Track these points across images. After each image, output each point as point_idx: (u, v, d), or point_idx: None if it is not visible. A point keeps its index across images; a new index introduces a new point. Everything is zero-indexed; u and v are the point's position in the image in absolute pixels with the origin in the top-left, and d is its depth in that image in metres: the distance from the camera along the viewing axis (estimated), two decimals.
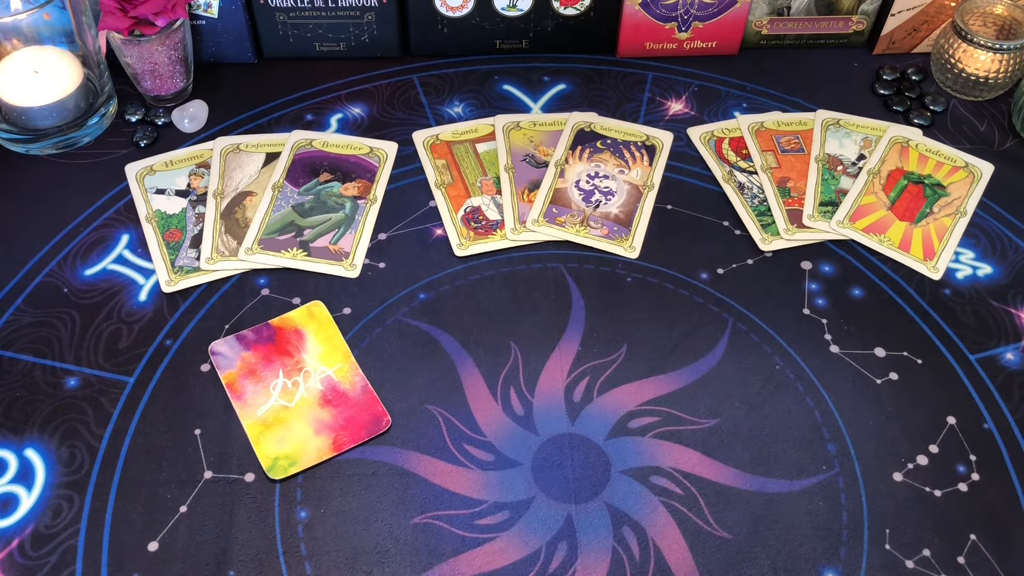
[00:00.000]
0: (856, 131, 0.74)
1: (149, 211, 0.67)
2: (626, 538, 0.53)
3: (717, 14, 0.77)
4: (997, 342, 0.62)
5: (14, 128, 0.70)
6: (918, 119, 0.75)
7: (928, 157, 0.72)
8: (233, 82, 0.77)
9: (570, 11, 0.77)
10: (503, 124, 0.74)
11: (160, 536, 0.52)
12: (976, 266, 0.66)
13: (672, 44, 0.79)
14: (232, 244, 0.65)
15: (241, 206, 0.68)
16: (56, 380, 0.59)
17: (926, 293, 0.64)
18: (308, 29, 0.77)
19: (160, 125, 0.73)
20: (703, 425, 0.57)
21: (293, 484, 0.55)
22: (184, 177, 0.69)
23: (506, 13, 0.77)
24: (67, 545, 0.52)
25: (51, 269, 0.64)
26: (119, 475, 0.55)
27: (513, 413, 0.58)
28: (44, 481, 0.55)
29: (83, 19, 0.69)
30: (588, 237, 0.67)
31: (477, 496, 0.54)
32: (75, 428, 0.57)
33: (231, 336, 0.60)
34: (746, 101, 0.77)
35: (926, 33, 0.79)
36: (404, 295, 0.64)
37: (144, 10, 0.68)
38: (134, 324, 0.61)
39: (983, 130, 0.75)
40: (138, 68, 0.71)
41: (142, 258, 0.65)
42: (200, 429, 0.57)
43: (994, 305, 0.64)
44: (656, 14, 0.77)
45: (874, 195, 0.69)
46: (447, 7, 0.76)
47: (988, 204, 0.70)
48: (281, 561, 0.52)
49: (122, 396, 0.58)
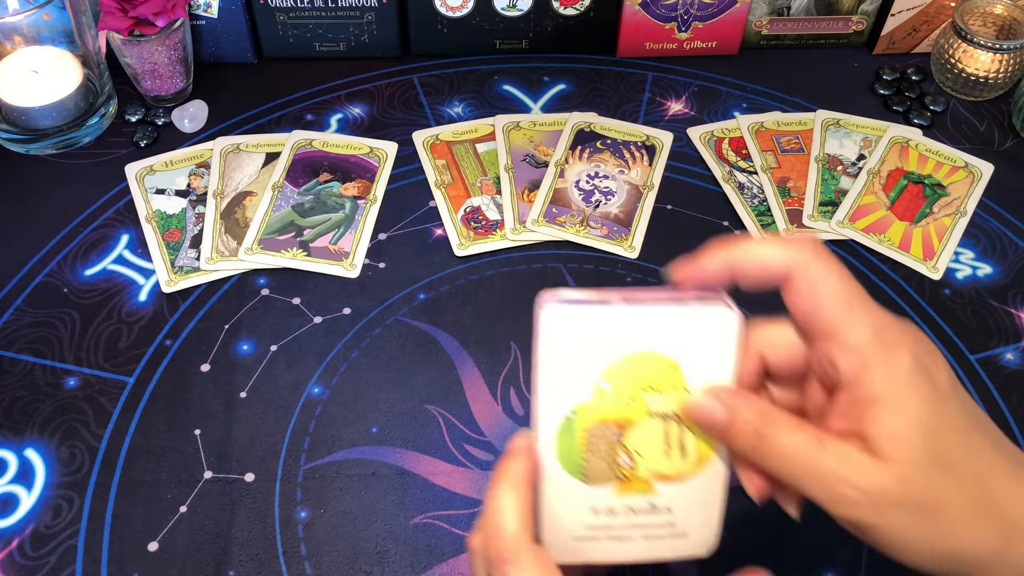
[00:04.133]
0: (856, 131, 0.74)
1: (149, 211, 0.67)
2: None
3: (717, 14, 0.77)
4: (997, 342, 0.62)
5: (14, 128, 0.70)
6: (918, 119, 0.75)
7: (928, 157, 0.72)
8: (233, 82, 0.77)
9: (570, 11, 0.77)
10: (503, 124, 0.74)
11: (160, 536, 0.52)
12: (976, 266, 0.66)
13: (672, 44, 0.79)
14: (232, 244, 0.65)
15: (241, 206, 0.68)
16: (56, 380, 0.59)
17: (926, 293, 0.64)
18: (308, 29, 0.77)
19: (160, 125, 0.73)
20: None
21: (293, 484, 0.55)
22: (184, 177, 0.69)
23: (506, 13, 0.77)
24: (67, 545, 0.52)
25: (51, 269, 0.64)
26: (119, 475, 0.55)
27: (513, 413, 0.58)
28: (44, 481, 0.55)
29: (83, 19, 0.69)
30: (588, 237, 0.67)
31: (477, 496, 0.54)
32: (75, 428, 0.57)
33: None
34: (746, 101, 0.77)
35: (926, 33, 0.79)
36: (404, 295, 0.64)
37: (144, 10, 0.68)
38: (134, 324, 0.61)
39: (983, 130, 0.75)
40: (138, 68, 0.71)
41: (142, 258, 0.65)
42: (200, 429, 0.56)
43: (994, 305, 0.64)
44: (656, 14, 0.77)
45: (874, 195, 0.69)
46: (447, 7, 0.76)
47: (988, 204, 0.70)
48: (281, 561, 0.52)
49: (122, 396, 0.58)
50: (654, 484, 0.37)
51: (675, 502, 0.38)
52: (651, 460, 0.37)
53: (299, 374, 0.59)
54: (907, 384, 0.33)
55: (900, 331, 0.34)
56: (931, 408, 0.33)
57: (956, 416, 0.34)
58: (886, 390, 0.33)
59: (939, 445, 0.33)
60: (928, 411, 0.33)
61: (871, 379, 0.33)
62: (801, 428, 0.34)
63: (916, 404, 0.33)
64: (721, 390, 0.36)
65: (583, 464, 0.37)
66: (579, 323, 0.35)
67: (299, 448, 0.56)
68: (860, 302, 0.34)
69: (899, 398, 0.33)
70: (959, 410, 0.34)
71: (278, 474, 0.55)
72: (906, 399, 0.33)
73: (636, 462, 0.37)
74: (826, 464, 0.33)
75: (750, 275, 0.36)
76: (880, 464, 0.32)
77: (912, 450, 0.32)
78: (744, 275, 0.36)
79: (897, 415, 0.32)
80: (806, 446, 0.33)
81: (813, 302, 0.34)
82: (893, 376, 0.33)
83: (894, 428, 0.32)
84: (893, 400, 0.33)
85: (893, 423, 0.32)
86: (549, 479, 0.37)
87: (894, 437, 0.32)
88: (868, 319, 0.34)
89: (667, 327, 0.36)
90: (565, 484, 0.37)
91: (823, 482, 0.33)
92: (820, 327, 0.34)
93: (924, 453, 0.32)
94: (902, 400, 0.33)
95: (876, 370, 0.33)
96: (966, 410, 0.34)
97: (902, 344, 0.33)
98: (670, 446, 0.37)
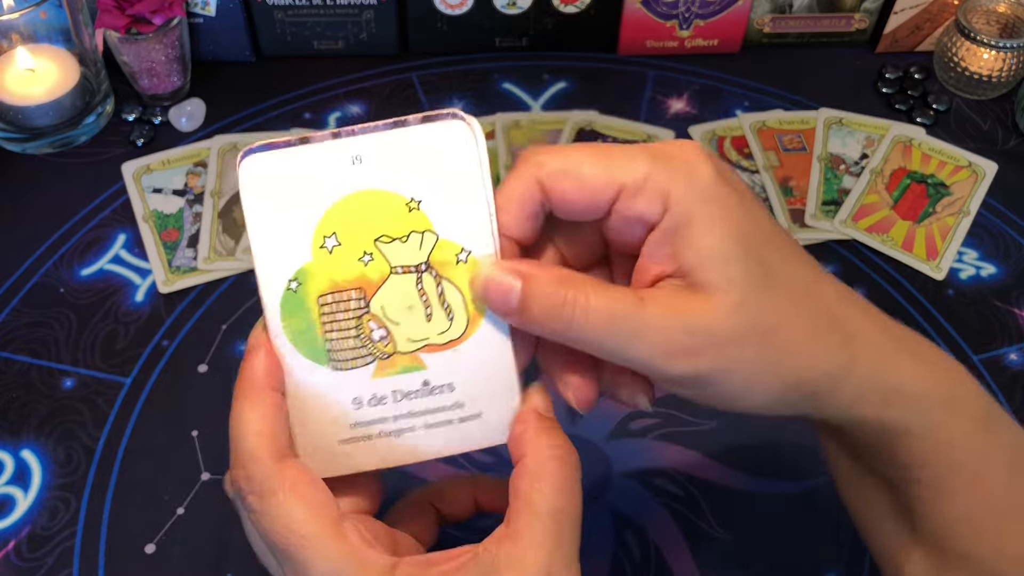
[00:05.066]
0: (859, 130, 0.73)
1: (146, 210, 0.67)
2: (627, 541, 0.52)
3: (719, 12, 0.77)
4: (1001, 342, 0.61)
5: (10, 127, 0.69)
6: (921, 118, 0.74)
7: (931, 156, 0.72)
8: (231, 80, 0.76)
9: (570, 9, 0.77)
10: (503, 123, 0.73)
11: (157, 538, 0.52)
12: (979, 266, 0.66)
13: (673, 42, 0.79)
14: (230, 244, 0.65)
15: (239, 205, 0.67)
16: (53, 381, 0.58)
17: (929, 293, 0.64)
18: (306, 27, 0.76)
19: (157, 124, 0.73)
20: (704, 426, 0.57)
21: None
22: (181, 176, 0.69)
23: (506, 11, 0.76)
24: (64, 547, 0.52)
25: (47, 269, 0.64)
26: (116, 477, 0.54)
27: None
28: (41, 483, 0.54)
29: (80, 17, 0.68)
30: None
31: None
32: (72, 429, 0.56)
33: None
34: (748, 100, 0.76)
35: (929, 31, 0.79)
36: None
37: (141, 8, 0.68)
38: (131, 324, 0.61)
39: (986, 129, 0.75)
40: (135, 66, 0.71)
41: (139, 258, 0.65)
42: (197, 430, 0.56)
43: (998, 305, 0.63)
44: (657, 12, 0.77)
45: (877, 194, 0.69)
46: (446, 5, 0.76)
47: (992, 203, 0.69)
48: None
49: (119, 397, 0.58)
50: (421, 357, 0.31)
51: (454, 375, 0.31)
52: (410, 327, 0.31)
53: None
54: (712, 196, 0.29)
55: (680, 145, 0.30)
56: (745, 215, 0.29)
57: (769, 227, 0.31)
58: (693, 208, 0.29)
59: (762, 259, 0.29)
60: (743, 220, 0.29)
61: (674, 202, 0.29)
62: (610, 287, 0.30)
63: (727, 214, 0.29)
64: (513, 262, 0.30)
65: (326, 345, 0.31)
66: (281, 168, 0.29)
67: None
68: (622, 148, 0.30)
69: (708, 212, 0.29)
70: (769, 220, 0.31)
71: None
72: (715, 210, 0.29)
73: (392, 332, 0.31)
74: (651, 317, 0.29)
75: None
76: (709, 299, 0.29)
77: (737, 268, 0.29)
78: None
79: (711, 232, 0.29)
80: (623, 304, 0.29)
81: (579, 182, 0.30)
82: (697, 191, 0.29)
83: (712, 246, 0.29)
84: (703, 217, 0.29)
85: (710, 241, 0.29)
86: (290, 373, 0.30)
87: (715, 258, 0.29)
88: (642, 150, 0.30)
89: (390, 157, 0.30)
90: (311, 375, 0.31)
91: (652, 340, 0.29)
92: (602, 196, 0.30)
93: (750, 271, 0.29)
94: (711, 213, 0.29)
95: (676, 191, 0.29)
96: (773, 221, 0.31)
97: (695, 155, 0.30)
98: (429, 307, 0.31)
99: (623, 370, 0.32)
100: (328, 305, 0.30)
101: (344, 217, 0.30)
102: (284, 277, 0.30)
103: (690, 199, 0.29)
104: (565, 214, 0.31)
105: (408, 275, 0.30)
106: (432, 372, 0.31)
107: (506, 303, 0.30)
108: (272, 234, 0.30)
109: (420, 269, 0.30)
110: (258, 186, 0.30)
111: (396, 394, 0.31)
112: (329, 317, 0.30)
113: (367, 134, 0.30)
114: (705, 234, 0.29)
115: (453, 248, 0.31)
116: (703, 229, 0.29)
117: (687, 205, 0.29)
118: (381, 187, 0.30)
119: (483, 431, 0.32)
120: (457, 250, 0.31)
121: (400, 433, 0.31)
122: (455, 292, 0.31)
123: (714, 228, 0.29)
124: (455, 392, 0.31)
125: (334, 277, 0.30)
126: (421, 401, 0.31)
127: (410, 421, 0.31)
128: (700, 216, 0.29)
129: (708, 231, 0.29)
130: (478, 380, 0.31)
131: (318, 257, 0.30)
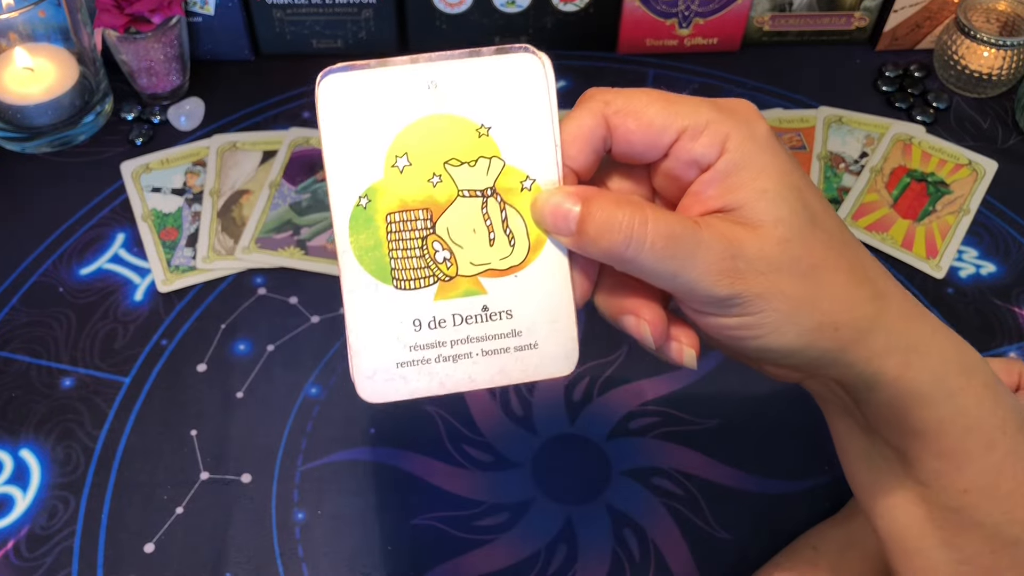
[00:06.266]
0: (858, 128, 0.73)
1: (145, 210, 0.67)
2: (626, 540, 0.52)
3: (718, 10, 0.77)
4: (1001, 341, 0.61)
5: (9, 126, 0.69)
6: (921, 116, 0.74)
7: (931, 154, 0.71)
8: (230, 79, 0.76)
9: (570, 7, 0.76)
10: None
11: (156, 537, 0.52)
12: (980, 264, 0.66)
13: (673, 41, 0.79)
14: (229, 243, 0.65)
15: (238, 204, 0.67)
16: (52, 380, 0.58)
17: (929, 292, 0.64)
18: (305, 26, 0.76)
19: (156, 123, 0.73)
20: (705, 425, 0.57)
21: (290, 485, 0.54)
22: (180, 175, 0.69)
23: (505, 10, 0.76)
24: (63, 547, 0.52)
25: (46, 268, 0.64)
26: (115, 476, 0.54)
27: (512, 413, 0.57)
28: (40, 482, 0.54)
29: (79, 16, 0.68)
30: None
31: (476, 497, 0.54)
32: (71, 429, 0.56)
33: None
34: (747, 98, 0.76)
35: (929, 29, 0.79)
36: None
37: (140, 7, 0.68)
38: (130, 324, 0.61)
39: (986, 127, 0.74)
40: (134, 65, 0.71)
41: (138, 257, 0.65)
42: (196, 430, 0.56)
43: (998, 304, 0.63)
44: (657, 10, 0.76)
45: (876, 193, 0.69)
46: (446, 3, 0.76)
47: (992, 202, 0.69)
48: (278, 563, 0.51)
49: (118, 396, 0.58)
50: (482, 282, 0.32)
51: (512, 302, 0.32)
52: (473, 251, 0.31)
53: (296, 374, 0.59)
54: (768, 147, 0.32)
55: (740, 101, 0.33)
56: (794, 169, 0.32)
57: (812, 184, 0.33)
58: (750, 154, 0.32)
59: (808, 206, 0.32)
60: (792, 172, 0.32)
61: (733, 147, 0.32)
62: (667, 211, 0.32)
63: (781, 165, 0.32)
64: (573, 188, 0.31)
65: (390, 263, 0.31)
66: (359, 89, 0.30)
67: (296, 449, 0.56)
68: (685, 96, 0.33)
69: (764, 160, 0.32)
70: (811, 180, 0.33)
71: (275, 475, 0.54)
72: (770, 160, 0.32)
73: (455, 254, 0.31)
74: (706, 239, 0.31)
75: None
76: (758, 230, 0.31)
77: (787, 207, 0.31)
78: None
79: (765, 176, 0.31)
80: (681, 226, 0.31)
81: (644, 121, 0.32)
82: (755, 141, 0.32)
83: (766, 188, 0.31)
84: (759, 163, 0.32)
85: (763, 183, 0.31)
86: (353, 291, 0.31)
87: (766, 198, 0.31)
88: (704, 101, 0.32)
89: (464, 84, 0.31)
90: (374, 293, 0.31)
91: (705, 260, 0.30)
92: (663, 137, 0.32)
93: (796, 213, 0.31)
94: (766, 161, 0.32)
95: (735, 138, 0.32)
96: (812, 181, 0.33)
97: (753, 112, 0.33)
98: (493, 231, 0.31)
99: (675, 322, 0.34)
100: (396, 223, 0.31)
101: (416, 139, 0.31)
102: (355, 193, 0.31)
103: (747, 146, 0.32)
104: (624, 153, 0.33)
105: (474, 199, 0.31)
106: (492, 297, 0.32)
107: (566, 224, 0.31)
108: (346, 151, 0.31)
109: (486, 193, 0.31)
110: (335, 105, 0.30)
111: (456, 318, 0.31)
112: (396, 236, 0.31)
113: (443, 61, 0.31)
114: (758, 176, 0.31)
115: (519, 175, 0.32)
116: (757, 172, 0.31)
117: (744, 150, 0.32)
118: (453, 112, 0.31)
119: (539, 361, 0.32)
120: (522, 177, 0.32)
121: (457, 359, 0.32)
122: (518, 219, 0.31)
123: (768, 172, 0.32)
124: (513, 320, 0.32)
125: (403, 196, 0.31)
126: (480, 327, 0.32)
127: (468, 347, 0.32)
128: (755, 161, 0.32)
129: (762, 173, 0.31)
130: (536, 309, 0.32)
131: (389, 176, 0.31)
